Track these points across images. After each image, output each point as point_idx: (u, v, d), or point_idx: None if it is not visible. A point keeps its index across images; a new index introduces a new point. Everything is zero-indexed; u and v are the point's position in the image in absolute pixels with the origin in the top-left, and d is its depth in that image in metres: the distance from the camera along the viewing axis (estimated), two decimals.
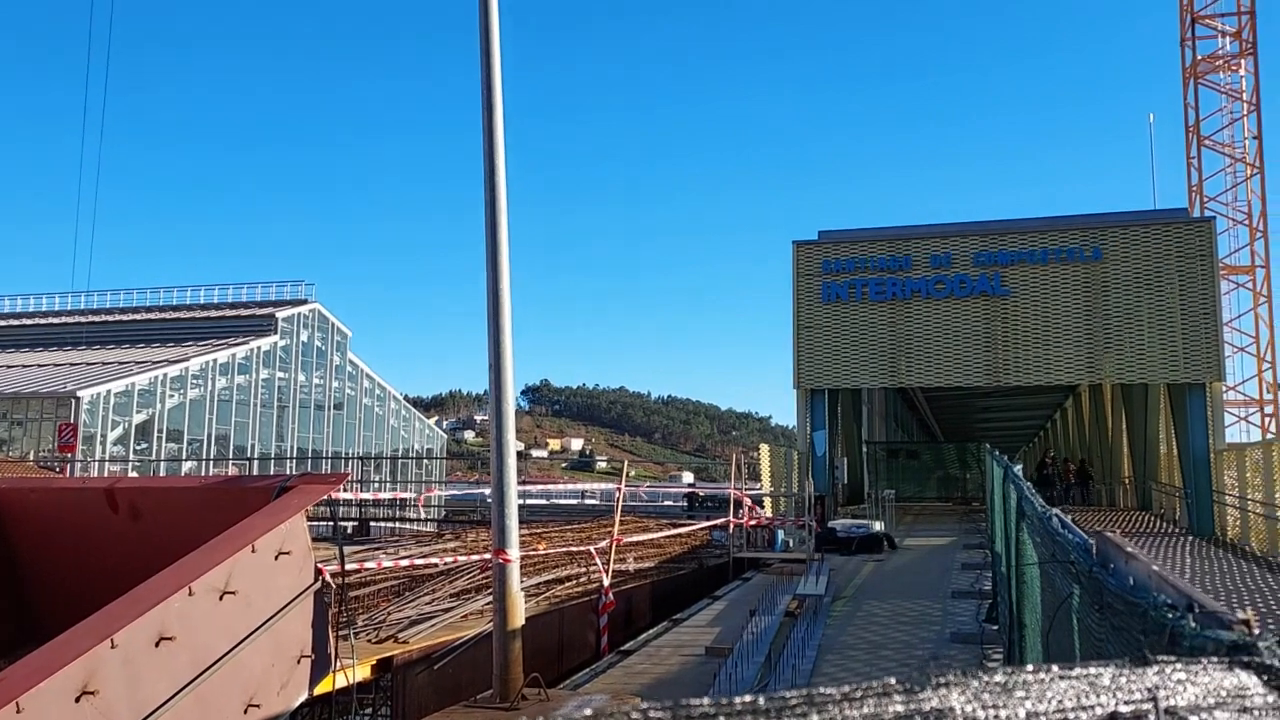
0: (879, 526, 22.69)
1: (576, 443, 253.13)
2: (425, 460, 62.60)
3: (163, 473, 41.44)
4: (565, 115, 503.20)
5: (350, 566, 11.74)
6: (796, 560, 19.45)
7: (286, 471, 38.79)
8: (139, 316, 60.08)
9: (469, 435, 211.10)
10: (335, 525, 13.09)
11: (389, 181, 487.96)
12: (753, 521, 23.04)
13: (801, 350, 28.87)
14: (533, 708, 8.08)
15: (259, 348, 53.59)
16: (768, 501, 26.08)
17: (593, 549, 15.19)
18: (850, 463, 36.22)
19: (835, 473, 31.44)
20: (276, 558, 6.87)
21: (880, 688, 0.68)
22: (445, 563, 13.68)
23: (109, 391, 44.36)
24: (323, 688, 7.42)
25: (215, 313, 58.56)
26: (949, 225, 29.52)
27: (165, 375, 47.51)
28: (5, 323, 60.77)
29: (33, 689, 4.82)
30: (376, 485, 37.07)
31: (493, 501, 8.84)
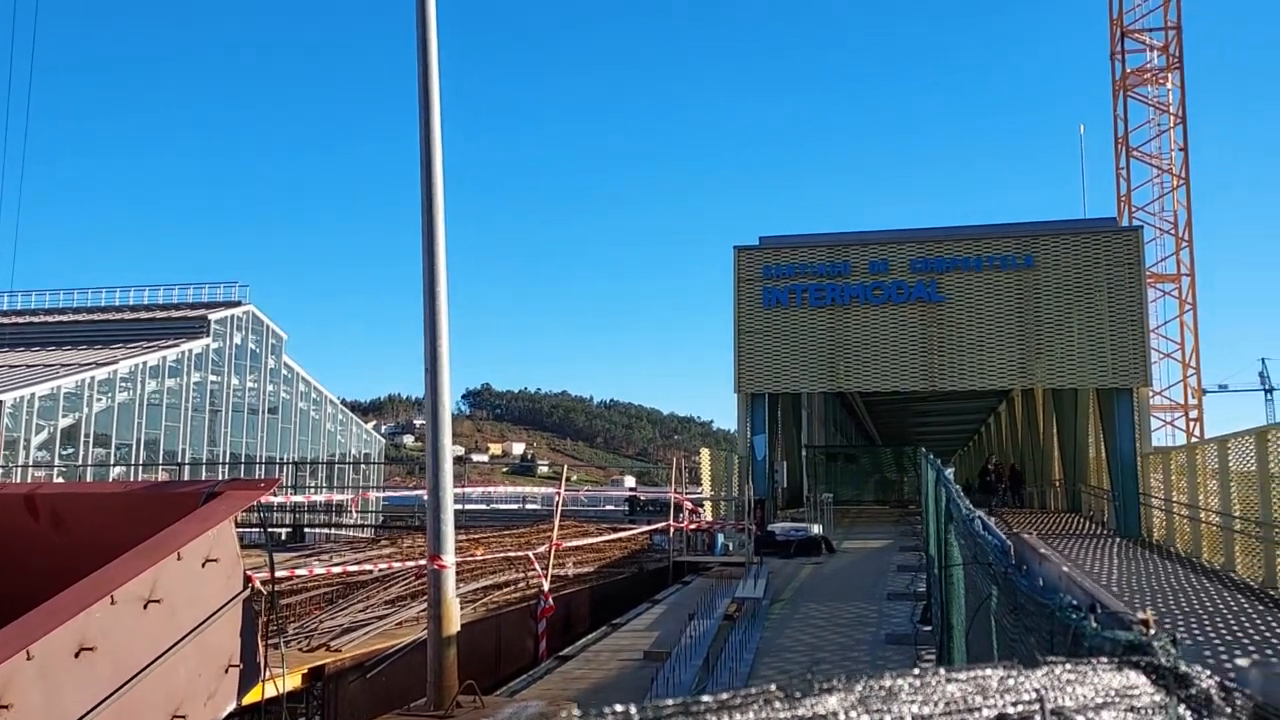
0: (817, 530, 22.91)
1: (518, 447, 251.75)
2: (363, 465, 61.79)
3: (90, 478, 40.33)
4: (505, 125, 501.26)
5: (282, 574, 11.54)
6: (736, 564, 19.55)
7: (219, 477, 38.02)
8: (65, 318, 58.48)
9: (408, 440, 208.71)
10: (266, 531, 12.85)
11: (326, 183, 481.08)
12: (693, 525, 23.12)
13: (742, 355, 29.07)
14: (467, 715, 8.01)
15: (191, 350, 52.47)
16: (708, 505, 26.19)
17: (532, 554, 15.12)
18: (790, 466, 36.55)
19: (775, 476, 31.69)
20: (204, 565, 6.73)
21: (761, 694, 0.67)
22: (380, 569, 13.50)
23: (33, 395, 43.07)
24: (251, 697, 7.28)
25: (146, 314, 57.19)
26: (887, 232, 29.99)
27: (93, 378, 46.29)
28: None
29: None
30: (312, 490, 36.49)
31: (428, 507, 8.75)
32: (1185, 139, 47.95)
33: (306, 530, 28.44)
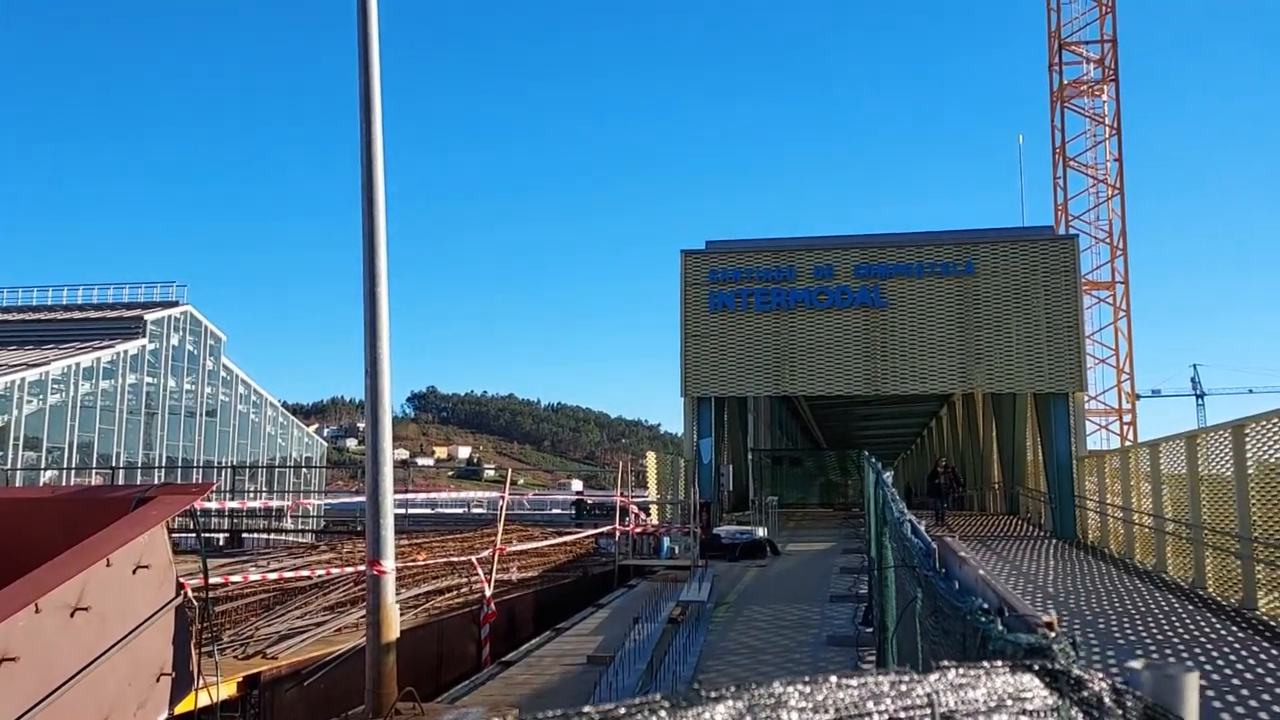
0: (762, 533, 23.05)
1: (464, 450, 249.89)
2: (304, 469, 60.89)
3: (19, 483, 39.20)
4: (448, 132, 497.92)
5: (217, 580, 11.33)
6: (681, 567, 19.59)
7: (154, 481, 37.23)
8: None
9: (351, 443, 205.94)
10: (199, 537, 12.62)
11: (265, 184, 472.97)
12: (639, 529, 23.12)
13: (689, 358, 29.18)
14: None
15: (126, 351, 51.27)
16: (654, 509, 26.21)
17: (475, 559, 15.00)
18: (736, 470, 36.74)
19: (721, 480, 31.83)
20: (134, 571, 6.58)
21: (646, 704, 0.67)
22: (319, 575, 13.31)
23: None
24: (184, 706, 7.13)
25: (79, 314, 55.82)
26: (831, 238, 30.32)
27: (23, 380, 45.03)
28: None
29: None
30: (251, 495, 35.86)
31: (368, 511, 8.64)
32: (1120, 150, 49.24)
33: (245, 535, 27.90)
